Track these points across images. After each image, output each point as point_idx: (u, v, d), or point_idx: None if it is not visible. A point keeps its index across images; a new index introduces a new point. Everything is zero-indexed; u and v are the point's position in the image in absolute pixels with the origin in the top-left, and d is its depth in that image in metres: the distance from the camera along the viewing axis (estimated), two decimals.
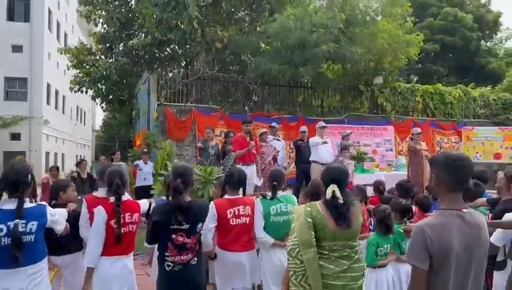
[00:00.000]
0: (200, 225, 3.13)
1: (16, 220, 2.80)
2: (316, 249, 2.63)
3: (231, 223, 3.52)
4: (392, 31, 11.86)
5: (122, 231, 3.25)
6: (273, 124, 10.00)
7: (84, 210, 3.61)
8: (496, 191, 4.26)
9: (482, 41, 25.15)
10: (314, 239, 2.64)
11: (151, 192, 5.98)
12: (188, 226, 3.02)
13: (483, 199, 3.81)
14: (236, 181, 3.67)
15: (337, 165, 3.04)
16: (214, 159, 8.18)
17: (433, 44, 22.46)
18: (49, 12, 24.38)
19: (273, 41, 11.89)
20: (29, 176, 3.02)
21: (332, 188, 2.71)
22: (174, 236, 3.00)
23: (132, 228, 3.37)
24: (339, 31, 10.95)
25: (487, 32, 24.92)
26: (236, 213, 3.55)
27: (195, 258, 3.09)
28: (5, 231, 2.78)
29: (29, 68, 22.36)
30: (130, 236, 3.36)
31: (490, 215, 3.61)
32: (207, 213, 3.27)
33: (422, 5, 24.06)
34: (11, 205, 2.86)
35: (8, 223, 2.79)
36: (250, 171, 7.40)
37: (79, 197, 4.15)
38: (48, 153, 24.06)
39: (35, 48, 22.56)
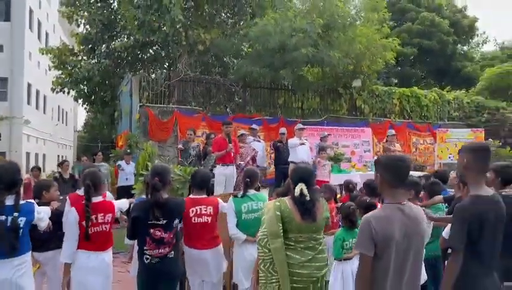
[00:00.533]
0: (176, 220, 3.38)
1: (14, 214, 3.07)
2: (282, 240, 2.91)
3: (193, 221, 3.71)
4: (370, 35, 12.27)
5: (94, 231, 3.39)
6: (254, 125, 10.26)
7: (67, 208, 3.80)
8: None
9: (459, 45, 25.89)
10: (282, 231, 2.93)
11: (132, 191, 6.17)
12: (165, 221, 3.26)
13: (440, 197, 4.13)
14: (199, 182, 3.87)
15: (304, 165, 3.34)
16: (194, 160, 8.40)
17: (412, 48, 23.06)
18: (30, 11, 24.14)
19: (254, 44, 12.15)
20: (20, 173, 3.26)
21: (301, 186, 3.01)
22: (152, 231, 3.24)
23: (105, 227, 3.48)
24: (318, 36, 11.28)
25: (463, 36, 25.66)
26: (198, 212, 3.73)
27: (172, 252, 3.33)
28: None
29: (10, 68, 22.09)
30: (103, 235, 3.47)
31: (446, 211, 3.94)
32: (182, 210, 3.50)
33: (401, 9, 24.66)
34: (10, 200, 3.13)
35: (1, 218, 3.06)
36: (230, 172, 7.65)
37: (61, 197, 4.35)
38: (28, 154, 23.81)
39: (15, 47, 22.31)
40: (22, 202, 3.23)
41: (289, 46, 10.96)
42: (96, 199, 3.47)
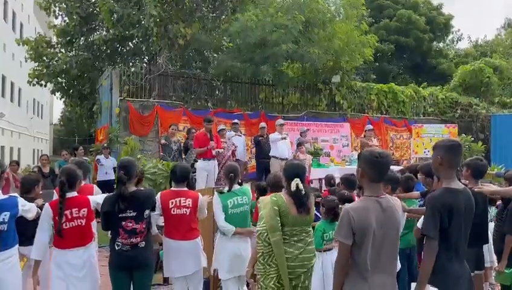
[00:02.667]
0: (147, 211, 3.51)
1: None
2: (281, 233, 3.13)
3: (172, 212, 3.82)
4: (349, 32, 12.49)
5: (69, 226, 3.39)
6: (235, 120, 10.35)
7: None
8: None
9: (434, 42, 26.54)
10: (280, 224, 3.13)
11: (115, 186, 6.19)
12: (135, 213, 3.41)
13: (417, 193, 4.35)
14: (179, 176, 3.97)
15: (297, 162, 3.55)
16: (176, 155, 8.46)
17: (389, 44, 23.55)
18: (5, 2, 23.48)
19: (235, 39, 12.20)
20: (1, 168, 3.27)
21: (296, 181, 3.21)
22: (124, 223, 3.39)
23: (81, 222, 3.45)
24: (299, 32, 11.42)
25: (439, 34, 26.32)
26: (177, 204, 3.84)
27: (144, 242, 3.47)
28: None
29: None
30: (79, 230, 3.45)
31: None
32: (152, 200, 3.63)
33: (379, 6, 25.09)
34: None
35: None
36: (211, 167, 7.76)
37: (41, 192, 4.38)
38: (3, 148, 23.28)
39: None
40: (3, 197, 3.25)
41: (270, 42, 11.08)
42: (71, 194, 3.47)
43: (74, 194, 3.52)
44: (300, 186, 3.19)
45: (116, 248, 3.42)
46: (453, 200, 2.50)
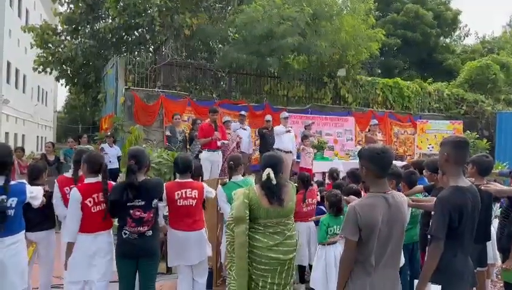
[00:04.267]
0: (155, 200, 3.55)
1: (2, 196, 3.10)
2: (246, 226, 3.06)
3: (178, 204, 3.85)
4: (356, 25, 12.41)
5: (98, 209, 3.51)
6: (242, 112, 10.34)
7: (56, 190, 3.95)
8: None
9: (441, 37, 26.30)
10: (248, 217, 3.07)
11: (121, 174, 6.24)
12: (143, 202, 3.45)
13: (420, 187, 4.36)
14: (182, 167, 3.99)
15: (272, 153, 3.50)
16: (181, 145, 8.48)
17: (395, 39, 23.35)
18: None
19: (241, 30, 12.15)
20: (12, 155, 3.30)
21: (268, 171, 3.14)
22: (132, 212, 3.43)
23: (104, 206, 3.56)
24: (306, 25, 11.36)
25: (446, 29, 26.07)
26: (183, 195, 3.87)
27: (151, 231, 3.52)
28: None
29: None
30: (103, 213, 3.55)
31: None
32: (161, 190, 3.66)
33: (387, 0, 24.85)
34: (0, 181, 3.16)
35: None
36: (216, 157, 7.78)
37: (45, 179, 4.43)
38: (7, 134, 23.33)
39: None
40: (13, 182, 3.29)
41: (276, 34, 11.02)
42: (95, 180, 3.56)
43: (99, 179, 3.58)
44: (271, 176, 3.10)
45: (124, 236, 3.46)
46: (462, 201, 2.51)
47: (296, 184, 3.95)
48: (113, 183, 3.88)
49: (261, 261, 3.04)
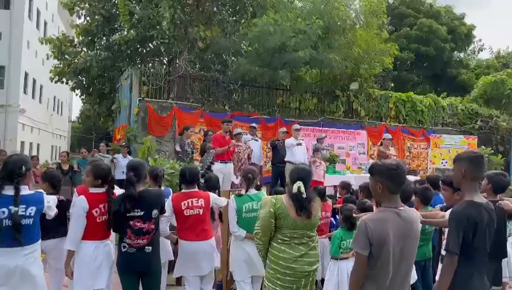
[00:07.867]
0: (155, 211, 3.56)
1: (16, 207, 3.12)
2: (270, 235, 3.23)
3: (185, 214, 3.89)
4: (369, 39, 12.42)
5: (102, 219, 3.50)
6: (253, 124, 10.37)
7: (75, 198, 3.93)
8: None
9: (455, 52, 26.14)
10: (274, 227, 3.19)
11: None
12: (142, 213, 3.48)
13: (442, 213, 4.22)
14: (189, 178, 4.03)
15: (303, 166, 3.52)
16: (192, 157, 8.52)
17: (409, 53, 23.28)
18: (30, 0, 24.03)
19: (254, 43, 12.25)
20: (24, 167, 3.32)
21: (299, 184, 3.20)
22: (131, 223, 3.46)
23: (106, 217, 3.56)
24: (318, 38, 11.41)
25: (460, 44, 25.91)
26: (190, 205, 3.91)
27: (150, 247, 3.51)
28: (6, 213, 3.10)
29: (8, 56, 21.98)
30: (106, 223, 3.55)
31: None
32: (160, 200, 3.67)
33: (400, 14, 24.86)
34: (11, 191, 3.18)
35: (10, 207, 3.12)
36: (228, 169, 7.79)
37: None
38: (23, 143, 23.74)
39: (14, 35, 22.19)
40: (30, 192, 3.31)
41: (289, 47, 11.08)
42: (100, 190, 3.56)
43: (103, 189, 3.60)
44: (302, 189, 3.17)
45: (123, 249, 3.48)
46: (477, 215, 2.47)
47: None
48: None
49: (286, 272, 3.14)
